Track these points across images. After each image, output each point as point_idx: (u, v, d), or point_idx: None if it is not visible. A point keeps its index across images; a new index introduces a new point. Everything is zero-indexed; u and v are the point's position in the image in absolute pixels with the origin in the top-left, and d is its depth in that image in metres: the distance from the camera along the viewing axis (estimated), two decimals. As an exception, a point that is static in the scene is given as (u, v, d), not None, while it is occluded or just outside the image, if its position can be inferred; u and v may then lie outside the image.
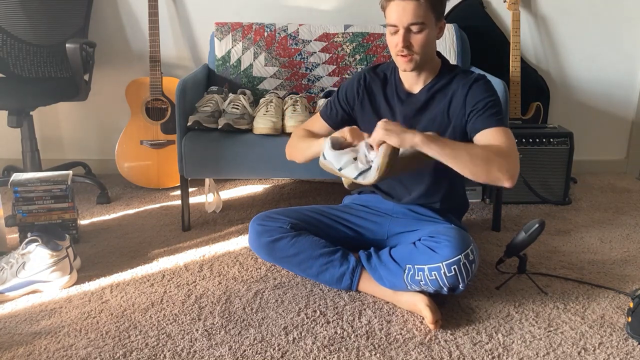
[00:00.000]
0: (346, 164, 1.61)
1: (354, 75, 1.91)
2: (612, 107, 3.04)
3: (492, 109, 1.68)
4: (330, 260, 1.78)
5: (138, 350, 1.54)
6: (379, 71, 1.85)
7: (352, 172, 1.60)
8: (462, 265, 1.59)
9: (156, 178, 2.77)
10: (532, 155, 2.60)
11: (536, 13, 2.90)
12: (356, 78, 1.86)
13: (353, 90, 1.85)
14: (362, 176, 1.58)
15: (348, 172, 1.60)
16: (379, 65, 1.87)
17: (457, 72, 1.77)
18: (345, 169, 1.61)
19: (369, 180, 1.57)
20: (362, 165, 1.58)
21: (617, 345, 1.59)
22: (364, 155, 1.60)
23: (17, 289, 1.81)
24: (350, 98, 1.86)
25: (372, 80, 1.83)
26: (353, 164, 1.60)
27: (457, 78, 1.74)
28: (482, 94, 1.69)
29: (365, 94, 1.84)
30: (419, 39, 1.64)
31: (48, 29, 2.67)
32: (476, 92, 1.70)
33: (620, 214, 2.54)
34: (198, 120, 2.21)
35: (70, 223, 2.17)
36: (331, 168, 1.66)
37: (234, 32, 2.63)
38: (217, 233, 2.31)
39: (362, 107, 1.85)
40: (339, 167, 1.62)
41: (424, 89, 1.76)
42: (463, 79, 1.73)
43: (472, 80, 1.72)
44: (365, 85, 1.84)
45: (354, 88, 1.85)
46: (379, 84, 1.82)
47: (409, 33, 1.64)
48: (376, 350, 1.56)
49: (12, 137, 2.74)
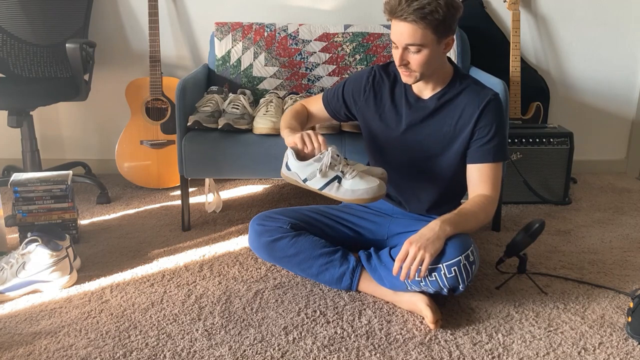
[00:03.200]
0: (311, 175, 1.61)
1: (365, 69, 1.87)
2: (612, 107, 3.04)
3: (496, 138, 1.71)
4: (330, 260, 1.78)
5: (138, 350, 1.54)
6: (390, 70, 1.82)
7: (318, 184, 1.61)
8: (462, 266, 1.59)
9: (156, 178, 2.77)
10: (532, 155, 2.60)
11: (536, 13, 2.90)
12: (365, 74, 1.84)
13: (360, 85, 1.83)
14: (329, 187, 1.60)
15: (313, 183, 1.61)
16: (391, 64, 1.83)
17: (469, 83, 1.75)
18: (310, 180, 1.61)
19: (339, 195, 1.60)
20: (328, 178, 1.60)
21: (617, 345, 1.59)
22: (330, 166, 1.60)
23: (17, 289, 1.81)
24: (356, 94, 1.84)
25: (381, 79, 1.81)
26: (318, 176, 1.61)
27: (469, 90, 1.73)
28: (493, 121, 1.71)
29: (371, 92, 1.82)
30: (417, 58, 1.62)
31: (48, 29, 2.67)
32: (488, 116, 1.70)
33: (620, 214, 2.54)
34: (198, 120, 2.21)
35: (70, 223, 2.17)
36: (295, 180, 1.65)
37: (234, 32, 2.63)
38: (217, 233, 2.31)
39: (367, 105, 1.83)
40: (303, 179, 1.62)
41: (434, 97, 1.74)
42: (476, 95, 1.72)
43: (485, 100, 1.70)
44: (373, 83, 1.82)
45: (361, 84, 1.83)
46: (387, 84, 1.80)
47: (407, 52, 1.62)
48: (376, 350, 1.56)
49: (12, 137, 2.74)
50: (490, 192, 1.71)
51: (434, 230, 1.58)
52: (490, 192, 1.71)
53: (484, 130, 1.70)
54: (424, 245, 1.56)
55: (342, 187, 1.61)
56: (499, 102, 1.74)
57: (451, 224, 1.60)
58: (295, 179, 1.65)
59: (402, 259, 1.58)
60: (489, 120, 1.70)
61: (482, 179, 1.72)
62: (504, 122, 1.75)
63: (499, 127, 1.72)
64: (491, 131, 1.70)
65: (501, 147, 1.73)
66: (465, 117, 1.72)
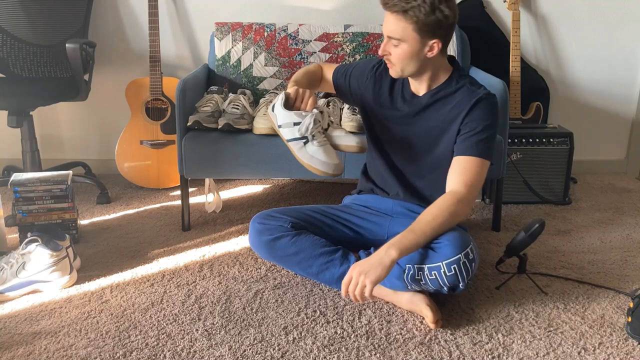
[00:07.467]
0: (287, 125, 1.69)
1: (374, 59, 1.91)
2: (612, 107, 3.04)
3: (482, 134, 1.69)
4: (331, 259, 1.78)
5: (138, 350, 1.54)
6: None
7: (288, 134, 1.69)
8: (462, 264, 1.59)
9: (156, 178, 2.77)
10: (532, 155, 2.60)
11: (536, 13, 2.90)
12: (373, 62, 1.88)
13: (365, 71, 1.86)
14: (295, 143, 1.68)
15: (285, 133, 1.70)
16: None
17: (465, 82, 1.75)
18: (284, 128, 1.69)
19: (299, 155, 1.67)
20: (299, 134, 1.67)
21: (617, 345, 1.59)
22: (306, 127, 1.66)
23: (17, 289, 1.81)
24: (360, 79, 1.87)
25: (385, 71, 1.83)
26: (292, 128, 1.68)
27: (464, 89, 1.74)
28: (481, 117, 1.69)
29: (372, 79, 1.85)
30: (396, 52, 1.66)
31: (48, 29, 2.67)
32: (477, 112, 1.70)
33: (620, 214, 2.54)
34: (198, 120, 2.21)
35: (70, 223, 2.17)
36: (273, 122, 1.73)
37: (234, 32, 2.63)
38: (217, 233, 2.31)
39: (367, 91, 1.87)
40: (279, 124, 1.71)
41: (428, 94, 1.77)
42: (470, 92, 1.72)
43: (477, 97, 1.70)
44: (376, 73, 1.85)
45: (366, 70, 1.86)
46: (389, 77, 1.83)
47: (389, 44, 1.67)
48: (376, 350, 1.56)
49: (12, 137, 2.74)
50: (463, 188, 1.65)
51: (379, 256, 1.57)
52: (463, 188, 1.65)
53: (470, 124, 1.70)
54: (365, 270, 1.56)
55: (304, 149, 1.68)
56: (492, 102, 1.72)
57: (398, 248, 1.57)
58: (273, 121, 1.74)
59: (346, 283, 1.59)
60: (476, 116, 1.70)
61: (458, 171, 1.68)
62: (494, 122, 1.72)
63: (488, 126, 1.70)
64: (478, 127, 1.69)
65: (485, 144, 1.70)
66: (453, 113, 1.73)
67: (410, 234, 1.60)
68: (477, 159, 1.69)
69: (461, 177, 1.67)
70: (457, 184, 1.67)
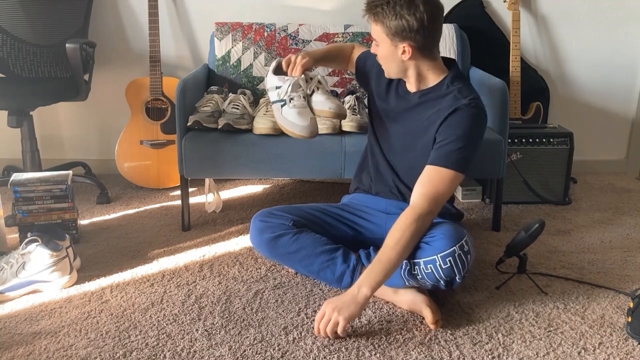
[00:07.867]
0: (272, 89, 1.79)
1: None
2: (612, 107, 3.04)
3: (455, 144, 1.64)
4: (332, 258, 1.78)
5: (138, 350, 1.54)
6: None
7: (272, 97, 1.79)
8: (457, 256, 1.60)
9: (156, 178, 2.77)
10: (532, 155, 2.60)
11: (536, 13, 2.90)
12: None
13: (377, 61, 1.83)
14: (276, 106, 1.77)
15: (271, 96, 1.80)
16: None
17: (456, 87, 1.72)
18: (270, 92, 1.80)
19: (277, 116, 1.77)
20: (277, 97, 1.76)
21: (617, 345, 1.59)
22: (285, 91, 1.74)
23: (17, 289, 1.81)
24: (372, 67, 1.90)
25: None
26: (274, 91, 1.77)
27: (450, 96, 1.71)
28: (458, 126, 1.66)
29: (374, 71, 1.88)
30: (378, 52, 1.73)
31: (48, 29, 2.67)
32: (453, 121, 1.67)
33: (620, 214, 2.54)
34: (198, 120, 2.21)
35: (70, 223, 2.17)
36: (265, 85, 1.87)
37: (234, 32, 2.63)
38: (217, 233, 2.31)
39: (372, 79, 1.91)
40: (267, 88, 1.83)
41: (417, 93, 1.78)
42: (453, 100, 1.69)
43: (456, 106, 1.67)
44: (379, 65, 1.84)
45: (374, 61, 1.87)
46: None
47: (374, 44, 1.74)
48: (376, 350, 1.56)
49: (12, 137, 2.74)
50: (424, 202, 1.63)
51: (352, 294, 1.59)
52: (424, 202, 1.63)
53: (444, 133, 1.67)
54: (338, 307, 1.57)
55: (282, 110, 1.76)
56: (472, 112, 1.66)
57: (369, 285, 1.58)
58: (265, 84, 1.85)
59: (319, 319, 1.60)
60: (450, 125, 1.67)
61: (423, 182, 1.66)
62: (471, 134, 1.66)
63: (461, 137, 1.64)
64: (450, 136, 1.65)
65: (457, 155, 1.64)
66: (433, 119, 1.71)
67: (377, 264, 1.60)
68: (445, 170, 1.65)
69: (425, 189, 1.65)
70: (419, 197, 1.65)
